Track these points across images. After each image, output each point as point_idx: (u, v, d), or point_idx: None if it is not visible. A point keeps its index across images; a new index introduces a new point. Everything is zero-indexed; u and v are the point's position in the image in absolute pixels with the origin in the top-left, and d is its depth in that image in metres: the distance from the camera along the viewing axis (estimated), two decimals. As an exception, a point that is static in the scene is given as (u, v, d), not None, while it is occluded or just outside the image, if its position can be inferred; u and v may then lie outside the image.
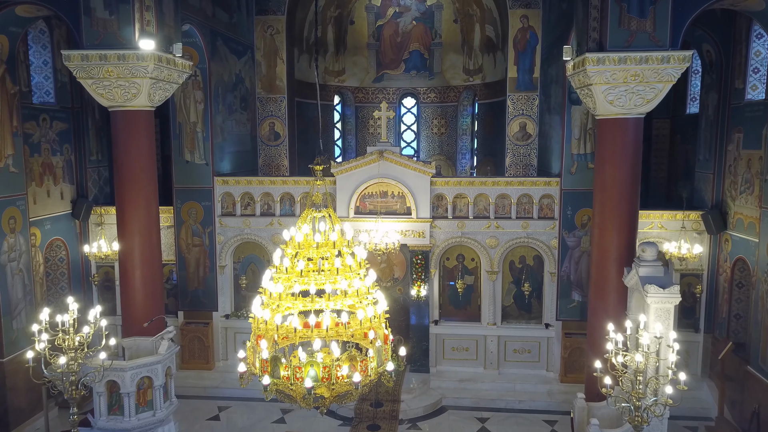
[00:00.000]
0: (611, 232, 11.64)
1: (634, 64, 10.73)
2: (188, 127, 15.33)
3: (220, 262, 15.74)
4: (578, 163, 14.54)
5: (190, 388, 14.85)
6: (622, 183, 11.53)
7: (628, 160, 11.49)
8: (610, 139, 11.57)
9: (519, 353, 15.36)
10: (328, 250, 7.12)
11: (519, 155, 17.97)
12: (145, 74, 11.58)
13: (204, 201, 15.56)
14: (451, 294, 15.58)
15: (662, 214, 14.60)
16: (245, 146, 17.66)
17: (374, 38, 21.62)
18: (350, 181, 15.02)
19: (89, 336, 9.57)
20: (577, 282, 14.86)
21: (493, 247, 15.02)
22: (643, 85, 10.89)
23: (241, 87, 17.35)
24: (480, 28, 20.30)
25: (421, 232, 14.98)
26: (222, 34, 15.86)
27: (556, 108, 15.43)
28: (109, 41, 11.53)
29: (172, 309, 16.14)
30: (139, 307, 12.50)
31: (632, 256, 11.67)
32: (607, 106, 11.20)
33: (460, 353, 15.52)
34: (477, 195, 15.00)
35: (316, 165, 7.33)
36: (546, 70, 16.82)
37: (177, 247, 15.76)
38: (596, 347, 11.64)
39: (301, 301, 6.98)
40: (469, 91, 21.32)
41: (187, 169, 15.47)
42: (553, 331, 15.13)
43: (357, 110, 22.11)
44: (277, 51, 18.31)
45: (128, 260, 12.49)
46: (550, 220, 14.89)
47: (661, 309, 9.64)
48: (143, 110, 12.19)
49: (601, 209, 11.90)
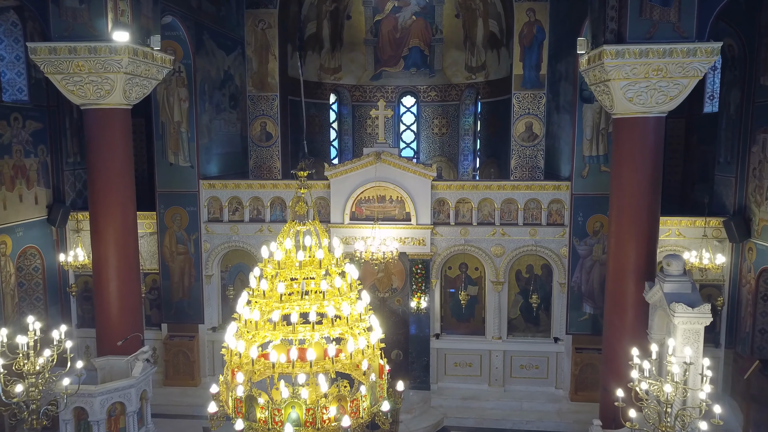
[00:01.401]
0: (629, 242, 10.65)
1: (656, 58, 9.73)
2: (172, 127, 14.33)
3: (206, 271, 14.74)
4: (590, 166, 13.57)
5: (174, 406, 13.84)
6: (641, 188, 10.54)
7: (648, 163, 10.50)
8: (628, 140, 10.57)
9: (526, 369, 14.39)
10: (314, 269, 6.11)
11: (525, 157, 16.98)
12: (118, 69, 10.58)
13: (189, 206, 14.56)
14: (454, 306, 14.59)
15: (680, 221, 13.61)
16: (235, 147, 16.66)
17: (372, 34, 20.61)
18: (345, 185, 14.04)
19: (52, 360, 8.54)
20: (588, 293, 13.87)
21: (498, 255, 14.04)
22: (666, 80, 9.89)
23: (230, 84, 16.34)
24: (483, 22, 19.32)
25: (422, 239, 14.00)
26: (209, 27, 14.84)
27: (566, 106, 14.44)
28: (80, 33, 10.54)
29: (155, 321, 15.19)
30: (115, 323, 11.52)
31: (652, 269, 10.69)
32: (625, 103, 10.20)
33: (463, 369, 14.54)
34: (481, 200, 14.02)
35: (300, 170, 6.30)
36: (554, 67, 15.83)
37: (160, 255, 14.76)
38: (614, 369, 10.67)
39: (281, 330, 5.97)
40: (472, 89, 20.34)
41: (170, 171, 14.47)
42: (562, 345, 14.15)
43: (354, 109, 21.11)
44: (269, 46, 17.30)
45: (102, 271, 11.51)
46: (559, 226, 13.90)
47: (689, 330, 8.64)
48: (118, 108, 11.20)
49: (617, 217, 10.90)
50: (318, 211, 14.50)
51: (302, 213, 6.31)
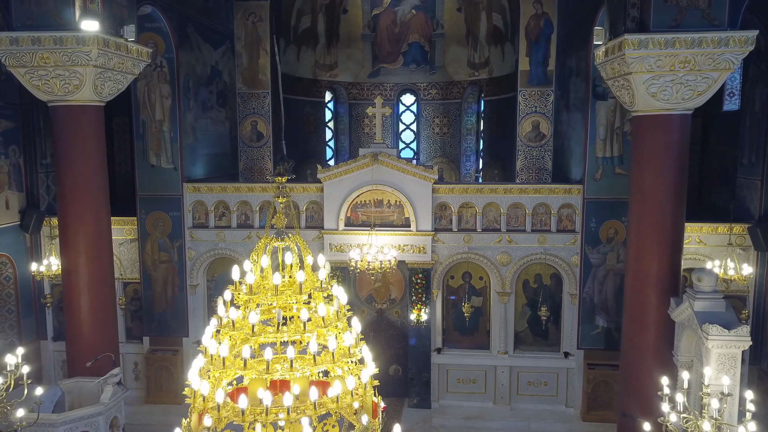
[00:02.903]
0: (651, 253, 9.67)
1: (684, 48, 8.75)
2: (153, 126, 13.34)
3: (190, 280, 13.74)
4: (604, 168, 12.61)
5: (157, 426, 12.85)
6: (664, 193, 9.58)
7: (673, 165, 9.54)
8: (650, 140, 9.60)
9: (534, 386, 13.45)
10: (294, 295, 5.11)
11: (531, 158, 16.03)
12: (87, 61, 9.60)
13: (172, 211, 13.57)
14: (457, 318, 13.64)
15: (701, 227, 12.62)
16: (223, 148, 15.66)
17: (370, 29, 19.69)
18: (340, 189, 13.09)
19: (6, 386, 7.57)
20: (601, 305, 12.90)
21: (504, 264, 13.07)
22: (694, 73, 8.91)
23: (218, 81, 15.35)
24: (486, 16, 18.40)
25: (422, 247, 13.06)
26: (194, 19, 13.85)
27: (577, 104, 13.45)
28: (44, 21, 9.58)
29: (136, 334, 14.21)
30: (87, 340, 10.59)
31: (676, 282, 9.71)
32: (648, 99, 9.21)
33: (467, 386, 13.61)
34: (486, 204, 13.07)
35: (278, 175, 5.30)
36: (563, 62, 14.86)
37: (141, 264, 13.77)
38: (634, 392, 9.71)
39: (254, 368, 4.97)
40: (475, 86, 19.38)
41: (152, 174, 13.48)
42: (573, 361, 13.19)
43: (351, 108, 20.15)
44: (260, 41, 16.34)
45: (72, 284, 10.56)
46: (570, 233, 12.94)
47: (725, 355, 7.65)
48: (89, 105, 10.27)
49: (637, 224, 9.92)
50: (310, 216, 13.54)
51: (280, 226, 5.32)
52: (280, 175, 5.27)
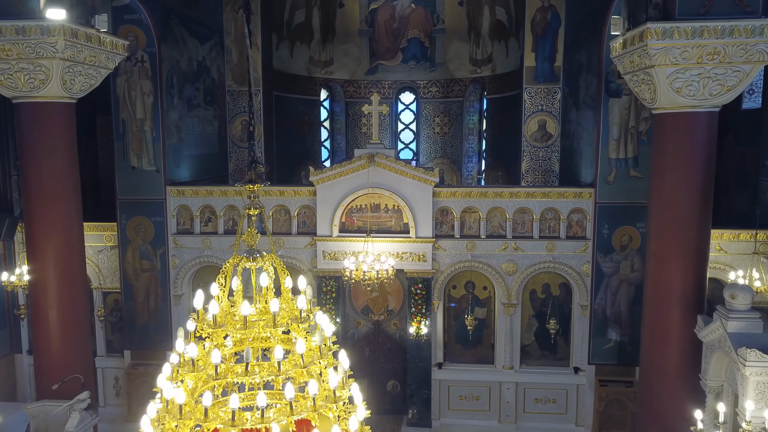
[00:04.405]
0: (674, 264, 8.84)
1: (713, 38, 7.88)
2: (134, 126, 12.48)
3: (174, 290, 12.87)
4: (617, 171, 11.75)
5: (137, 446, 11.94)
6: (689, 199, 8.76)
7: (698, 168, 8.71)
8: (673, 140, 8.72)
9: (541, 403, 12.63)
10: (267, 328, 4.23)
11: (537, 159, 15.20)
12: (53, 54, 8.72)
13: (154, 216, 12.70)
14: (459, 330, 12.81)
15: (721, 234, 11.75)
16: (211, 148, 14.78)
17: (367, 24, 18.87)
18: (334, 192, 12.25)
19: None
20: (614, 317, 12.05)
21: (510, 273, 12.21)
22: (723, 66, 8.05)
23: (206, 77, 14.47)
24: (489, 10, 17.59)
25: (422, 254, 12.22)
26: (178, 11, 12.98)
27: (588, 102, 12.59)
28: (5, 9, 8.76)
29: (117, 347, 13.34)
30: (55, 358, 9.72)
31: (702, 297, 8.85)
32: (671, 95, 8.35)
33: (470, 403, 12.79)
34: (491, 209, 12.24)
35: (249, 182, 4.42)
36: (571, 57, 14.00)
37: (122, 273, 12.90)
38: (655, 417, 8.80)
39: (218, 417, 4.09)
40: (477, 84, 18.53)
41: (133, 176, 12.62)
42: (583, 377, 12.34)
43: (347, 106, 19.28)
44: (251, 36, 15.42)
45: (39, 296, 9.76)
46: (581, 240, 12.10)
47: (764, 383, 6.76)
48: (58, 102, 9.40)
49: (658, 233, 9.05)
50: (302, 221, 12.67)
51: (251, 244, 4.43)
52: (252, 182, 4.38)
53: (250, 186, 4.37)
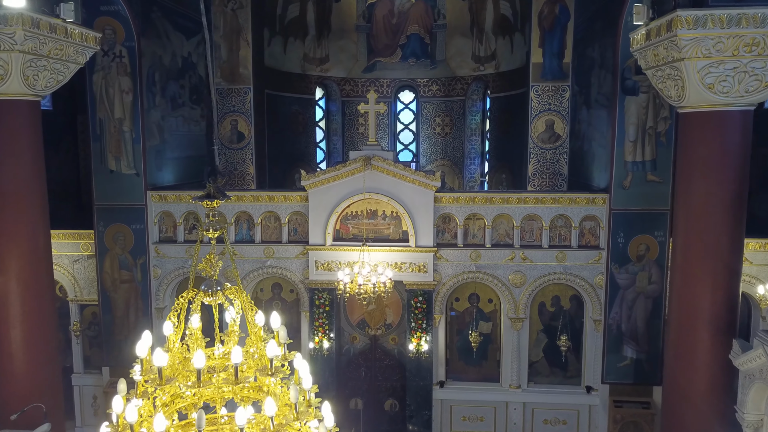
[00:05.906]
0: (703, 280, 7.98)
1: (751, 27, 7.03)
2: (112, 126, 11.61)
3: (156, 303, 12.00)
4: (633, 175, 10.90)
5: (115, 471, 11.04)
6: (720, 206, 7.90)
7: (731, 172, 7.87)
8: (702, 141, 7.88)
9: (551, 425, 11.88)
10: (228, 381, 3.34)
11: (545, 162, 14.38)
12: (11, 46, 7.86)
13: (134, 223, 11.83)
14: (462, 346, 12.02)
15: (747, 243, 10.77)
16: (197, 150, 13.90)
17: (365, 19, 18.10)
18: (327, 198, 11.44)
19: None
20: (630, 333, 11.21)
21: (517, 285, 11.37)
22: (762, 59, 7.19)
23: (192, 75, 13.59)
24: (493, 4, 16.90)
25: (422, 265, 11.42)
26: (160, 3, 12.11)
27: (601, 100, 11.72)
28: (-43, -4, 7.78)
29: (95, 364, 12.46)
30: (18, 383, 8.85)
31: (734, 317, 7.98)
32: (701, 92, 7.48)
33: (473, 424, 12.05)
34: (497, 216, 11.42)
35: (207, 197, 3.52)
36: (582, 53, 13.14)
37: (100, 284, 12.02)
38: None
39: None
40: (480, 82, 17.75)
41: (111, 180, 11.75)
42: (597, 397, 11.53)
43: (344, 106, 18.46)
44: (241, 31, 14.74)
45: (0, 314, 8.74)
46: (594, 249, 11.28)
47: (816, 422, 5.88)
48: (20, 100, 8.54)
49: (685, 246, 8.18)
50: (293, 229, 11.80)
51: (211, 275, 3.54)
52: (210, 197, 3.48)
53: (208, 202, 3.47)
